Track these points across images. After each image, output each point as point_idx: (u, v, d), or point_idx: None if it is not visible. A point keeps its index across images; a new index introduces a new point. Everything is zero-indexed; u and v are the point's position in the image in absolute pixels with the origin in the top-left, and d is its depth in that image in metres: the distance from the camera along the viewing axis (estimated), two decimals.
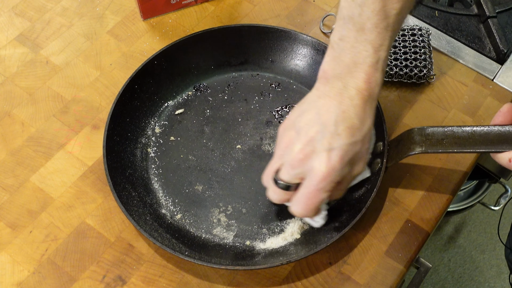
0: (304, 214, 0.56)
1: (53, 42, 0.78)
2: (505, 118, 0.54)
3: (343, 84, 0.53)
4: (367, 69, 0.53)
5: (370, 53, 0.53)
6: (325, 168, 0.53)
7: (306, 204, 0.55)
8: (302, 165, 0.53)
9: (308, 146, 0.53)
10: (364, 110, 0.54)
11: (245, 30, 0.74)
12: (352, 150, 0.54)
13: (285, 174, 0.55)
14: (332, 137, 0.53)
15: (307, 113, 0.55)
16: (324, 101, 0.54)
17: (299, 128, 0.54)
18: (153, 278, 0.60)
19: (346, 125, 0.53)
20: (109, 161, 0.63)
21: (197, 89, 0.74)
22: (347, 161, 0.54)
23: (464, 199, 1.47)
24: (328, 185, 0.54)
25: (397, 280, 0.61)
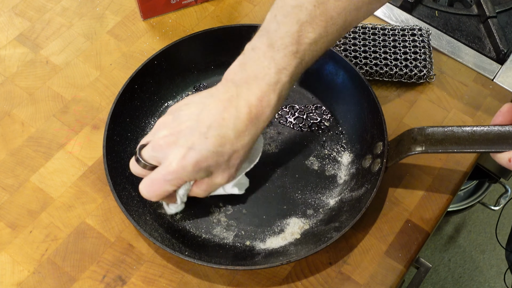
0: (146, 196, 0.56)
1: (53, 42, 0.78)
2: (505, 118, 0.54)
3: (237, 93, 0.53)
4: (264, 86, 0.52)
5: (272, 71, 0.52)
6: (175, 164, 0.52)
7: (149, 187, 0.55)
8: (160, 150, 0.53)
9: (173, 136, 0.53)
10: (245, 126, 0.53)
11: (245, 30, 0.73)
12: (212, 158, 0.53)
13: (145, 152, 0.55)
14: (198, 138, 0.52)
15: (193, 105, 0.54)
16: (212, 101, 0.53)
17: (177, 116, 0.54)
18: (153, 278, 0.60)
19: (218, 133, 0.52)
20: (109, 161, 0.63)
21: (197, 89, 0.74)
22: (203, 167, 0.53)
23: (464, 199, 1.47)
24: (175, 180, 0.54)
25: (397, 280, 0.61)
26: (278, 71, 0.52)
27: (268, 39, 0.52)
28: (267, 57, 0.52)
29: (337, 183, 0.66)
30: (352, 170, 0.67)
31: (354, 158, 0.68)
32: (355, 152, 0.68)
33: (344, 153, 0.69)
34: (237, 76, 0.54)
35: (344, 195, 0.65)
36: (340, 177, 0.67)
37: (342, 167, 0.68)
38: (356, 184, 0.64)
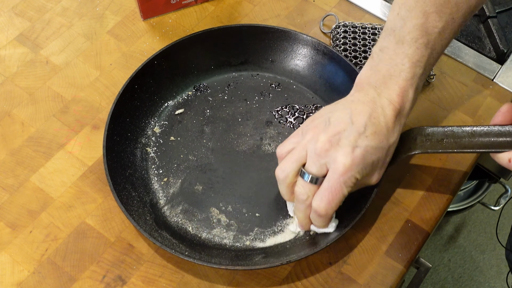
0: (326, 212, 0.55)
1: (53, 42, 0.78)
2: (504, 118, 0.54)
3: (377, 93, 0.54)
4: (402, 82, 0.54)
5: (406, 67, 0.53)
6: (349, 161, 0.52)
7: (329, 197, 0.54)
8: (327, 154, 0.53)
9: (335, 137, 0.53)
10: (393, 123, 0.54)
11: (245, 30, 0.74)
12: (375, 154, 0.54)
13: (312, 164, 0.54)
14: (359, 136, 0.53)
15: (339, 111, 0.55)
16: (356, 105, 0.55)
17: (328, 120, 0.54)
18: (153, 278, 0.60)
19: (374, 130, 0.53)
20: (109, 161, 0.63)
21: (197, 89, 0.74)
22: (370, 162, 0.54)
23: (464, 199, 1.47)
24: (349, 180, 0.53)
25: (397, 280, 0.61)
26: (413, 65, 0.53)
27: (395, 37, 0.53)
28: (398, 54, 0.53)
29: None
30: None
31: None
32: None
33: None
34: (371, 79, 0.55)
35: None
36: None
37: None
38: None
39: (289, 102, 0.73)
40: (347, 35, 0.76)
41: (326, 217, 0.56)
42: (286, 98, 0.73)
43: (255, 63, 0.75)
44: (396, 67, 0.54)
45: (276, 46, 0.74)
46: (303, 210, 0.57)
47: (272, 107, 0.72)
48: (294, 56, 0.74)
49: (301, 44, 0.73)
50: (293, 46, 0.74)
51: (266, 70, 0.75)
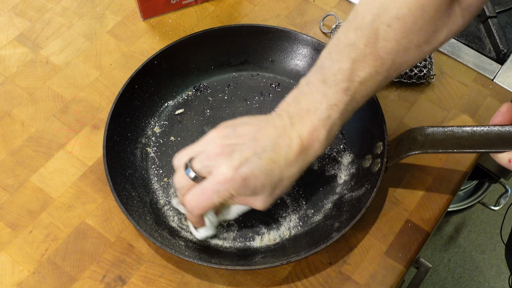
0: (192, 206, 0.55)
1: (53, 42, 0.78)
2: (504, 118, 0.54)
3: (291, 123, 0.54)
4: (315, 121, 0.54)
5: (323, 107, 0.53)
6: (229, 174, 0.52)
7: (199, 197, 0.54)
8: (215, 159, 0.53)
9: (229, 148, 0.53)
10: (295, 157, 0.54)
11: (245, 30, 0.74)
12: (261, 180, 0.53)
13: (198, 162, 0.54)
14: (253, 155, 0.52)
15: (250, 125, 0.55)
16: (267, 125, 0.55)
17: (234, 130, 0.55)
18: (153, 278, 0.60)
19: (271, 157, 0.53)
20: (109, 161, 0.63)
21: (197, 89, 0.74)
22: (251, 185, 0.53)
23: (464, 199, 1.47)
24: (223, 192, 0.53)
25: (397, 280, 0.61)
26: (329, 107, 0.53)
27: (321, 75, 0.54)
28: (319, 92, 0.53)
29: (337, 183, 0.66)
30: (352, 170, 0.67)
31: (354, 158, 0.68)
32: (355, 152, 0.68)
33: (344, 153, 0.69)
34: (291, 108, 0.55)
35: (344, 195, 0.65)
36: (340, 177, 0.67)
37: (342, 167, 0.68)
38: (356, 184, 0.64)
39: None
40: None
41: (192, 214, 0.56)
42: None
43: (255, 63, 0.75)
44: (314, 105, 0.54)
45: (276, 46, 0.74)
46: (179, 197, 0.58)
47: (272, 107, 0.72)
48: (294, 56, 0.74)
49: (301, 44, 0.73)
50: (293, 46, 0.74)
51: (266, 70, 0.75)
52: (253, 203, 0.56)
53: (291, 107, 0.55)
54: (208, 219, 0.59)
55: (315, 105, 0.54)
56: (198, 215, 0.57)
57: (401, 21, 0.51)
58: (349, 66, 0.52)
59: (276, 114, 0.56)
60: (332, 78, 0.53)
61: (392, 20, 0.51)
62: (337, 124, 0.55)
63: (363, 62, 0.52)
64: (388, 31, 0.51)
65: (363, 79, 0.53)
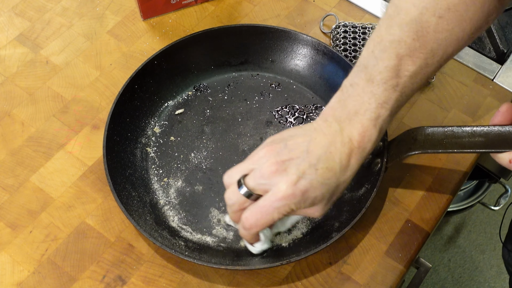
0: (251, 225, 0.54)
1: (53, 42, 0.78)
2: (503, 117, 0.54)
3: (340, 128, 0.53)
4: (365, 122, 0.53)
5: (372, 107, 0.52)
6: (289, 190, 0.51)
7: (258, 215, 0.53)
8: (270, 177, 0.52)
9: (284, 164, 0.52)
10: (349, 161, 0.53)
11: (245, 30, 0.74)
12: (320, 190, 0.53)
13: (252, 180, 0.53)
14: (309, 167, 0.52)
15: (299, 137, 0.54)
16: (317, 135, 0.54)
17: (285, 145, 0.54)
18: (153, 278, 0.60)
19: (326, 166, 0.52)
20: (109, 161, 0.63)
21: (197, 89, 0.74)
22: (311, 197, 0.53)
23: (464, 199, 1.47)
24: (283, 208, 0.52)
25: (397, 280, 0.61)
26: (379, 106, 0.52)
27: (366, 75, 0.52)
28: (366, 92, 0.52)
29: None
30: None
31: None
32: None
33: None
34: (337, 112, 0.54)
35: (344, 195, 0.65)
36: None
37: None
38: (356, 184, 0.64)
39: (289, 102, 0.73)
40: (347, 35, 0.76)
41: (250, 231, 0.55)
42: (286, 98, 0.73)
43: (255, 63, 0.75)
44: (363, 105, 0.53)
45: (276, 46, 0.74)
46: (230, 214, 0.57)
47: (272, 107, 0.72)
48: (294, 56, 0.74)
49: (301, 44, 0.73)
50: (293, 46, 0.74)
51: (266, 70, 0.75)
52: (311, 213, 0.55)
53: (338, 112, 0.54)
54: (263, 234, 0.58)
55: (364, 106, 0.53)
56: (256, 233, 0.56)
57: (453, 10, 0.49)
58: (396, 63, 0.51)
59: (322, 120, 0.55)
60: (379, 76, 0.52)
61: (443, 11, 0.49)
62: (387, 121, 0.54)
63: (412, 56, 0.51)
64: (439, 23, 0.50)
65: (413, 73, 0.52)
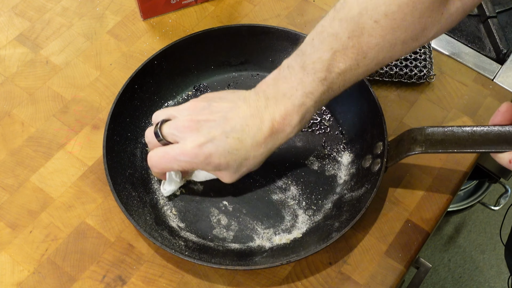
0: (152, 165, 0.59)
1: (53, 42, 0.78)
2: (503, 117, 0.54)
3: (265, 105, 0.55)
4: (289, 106, 0.54)
5: (299, 93, 0.54)
6: (191, 148, 0.54)
7: (160, 159, 0.57)
8: (182, 131, 0.55)
9: (199, 123, 0.55)
10: (264, 139, 0.55)
11: (245, 30, 0.74)
12: (225, 158, 0.55)
13: (167, 128, 0.57)
14: (220, 134, 0.54)
15: (226, 101, 0.56)
16: (242, 104, 0.56)
17: (209, 105, 0.56)
18: (153, 278, 0.60)
19: (238, 136, 0.54)
20: (109, 161, 0.63)
21: (197, 89, 0.74)
22: (214, 163, 0.55)
23: (464, 199, 1.48)
24: (184, 163, 0.56)
25: (397, 280, 0.61)
26: (304, 95, 0.54)
27: (302, 61, 0.54)
28: (297, 78, 0.54)
29: (337, 183, 0.66)
30: (352, 170, 0.67)
31: (354, 158, 0.68)
32: (355, 152, 0.68)
33: (344, 153, 0.69)
34: (269, 89, 0.56)
35: (344, 195, 0.65)
36: (340, 177, 0.67)
37: (342, 167, 0.68)
38: (356, 184, 0.64)
39: None
40: None
41: (152, 170, 0.60)
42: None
43: (255, 63, 0.75)
44: (291, 90, 0.54)
45: (276, 46, 0.74)
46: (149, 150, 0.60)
47: None
48: None
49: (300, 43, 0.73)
50: (293, 46, 0.73)
51: (266, 70, 0.75)
52: (219, 176, 0.58)
53: (269, 89, 0.56)
54: (170, 175, 0.61)
55: (291, 91, 0.54)
56: (157, 173, 0.61)
57: (389, 17, 0.49)
58: (329, 57, 0.52)
59: (254, 92, 0.56)
60: (311, 66, 0.53)
61: (380, 16, 0.49)
62: (310, 111, 0.55)
63: (344, 54, 0.52)
64: (374, 27, 0.50)
65: (342, 71, 0.53)
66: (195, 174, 0.64)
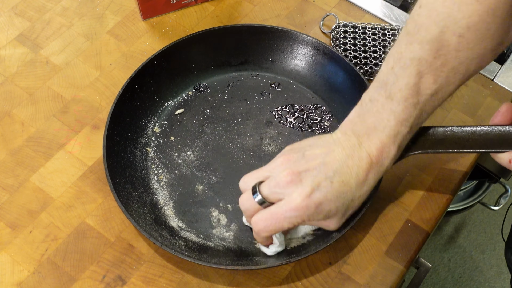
0: (260, 229, 0.55)
1: (53, 42, 0.78)
2: (503, 118, 0.54)
3: (358, 143, 0.53)
4: (384, 138, 0.53)
5: (392, 124, 0.52)
6: (303, 203, 0.52)
7: (268, 221, 0.54)
8: (285, 187, 0.52)
9: (301, 175, 0.52)
10: (365, 176, 0.53)
11: (245, 30, 0.74)
12: (335, 203, 0.53)
13: (267, 188, 0.54)
14: (324, 180, 0.52)
15: (318, 148, 0.54)
16: (335, 147, 0.54)
17: (303, 155, 0.54)
18: (153, 278, 0.60)
19: (342, 179, 0.52)
20: (109, 161, 0.63)
21: (197, 89, 0.74)
22: (325, 210, 0.53)
23: (464, 199, 1.47)
24: (294, 218, 0.53)
25: (397, 280, 0.61)
26: (398, 123, 0.52)
27: (386, 91, 0.52)
28: (386, 109, 0.52)
29: None
30: None
31: None
32: None
33: None
34: (356, 127, 0.54)
35: None
36: None
37: None
38: None
39: (289, 102, 0.73)
40: (347, 35, 0.76)
41: (259, 235, 0.56)
42: (286, 98, 0.73)
43: (255, 63, 0.75)
44: (382, 122, 0.52)
45: (276, 46, 0.74)
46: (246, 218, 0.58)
47: (272, 107, 0.72)
48: (294, 56, 0.74)
49: (301, 44, 0.73)
50: (293, 46, 0.74)
51: (266, 70, 0.75)
52: (326, 225, 0.56)
53: (357, 126, 0.54)
54: (276, 238, 0.58)
55: (383, 123, 0.52)
56: (263, 238, 0.57)
57: (473, 29, 0.48)
58: (417, 81, 0.50)
59: (341, 133, 0.55)
60: (399, 94, 0.51)
61: (463, 30, 0.48)
62: (406, 138, 0.54)
63: (434, 75, 0.50)
64: (460, 41, 0.48)
65: (434, 91, 0.51)
66: (295, 230, 0.61)
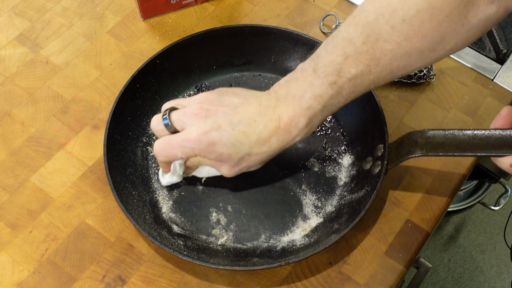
0: (157, 152, 0.59)
1: (53, 42, 0.78)
2: (504, 121, 0.54)
3: (275, 105, 0.55)
4: (297, 108, 0.54)
5: (307, 96, 0.54)
6: (195, 134, 0.55)
7: (164, 146, 0.58)
8: (190, 118, 0.56)
9: (208, 112, 0.56)
10: (268, 137, 0.56)
11: (247, 30, 0.74)
12: (228, 149, 0.56)
13: (175, 114, 0.57)
14: (226, 124, 0.55)
15: (239, 97, 0.57)
16: (254, 101, 0.56)
17: (220, 98, 0.57)
18: (153, 278, 0.60)
19: (244, 130, 0.55)
20: (110, 160, 0.63)
21: (199, 88, 0.74)
22: (217, 152, 0.56)
23: (464, 199, 1.47)
24: (187, 149, 0.56)
25: (397, 280, 0.61)
26: (313, 97, 0.54)
27: (314, 63, 0.54)
28: (307, 80, 0.54)
29: (337, 184, 0.66)
30: (352, 172, 0.67)
31: (354, 160, 0.68)
32: (356, 154, 0.68)
33: (344, 155, 0.69)
34: (281, 90, 0.56)
35: (344, 197, 0.65)
36: (341, 178, 0.67)
37: (342, 169, 0.67)
38: (356, 186, 0.64)
39: None
40: None
41: (157, 159, 0.61)
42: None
43: (257, 63, 0.75)
44: (299, 92, 0.54)
45: (277, 47, 0.74)
46: None
47: None
48: (296, 57, 0.74)
49: (302, 44, 0.73)
50: (295, 47, 0.74)
51: (268, 70, 0.75)
52: (218, 168, 0.59)
53: (282, 89, 0.56)
54: (174, 167, 0.61)
55: (300, 93, 0.54)
56: (162, 162, 0.61)
57: (407, 23, 0.48)
58: (340, 61, 0.52)
59: (267, 92, 0.57)
60: (322, 69, 0.53)
61: (397, 21, 0.48)
62: (318, 116, 0.55)
63: (357, 59, 0.51)
64: (390, 33, 0.49)
65: (353, 76, 0.52)
66: (198, 170, 0.64)
